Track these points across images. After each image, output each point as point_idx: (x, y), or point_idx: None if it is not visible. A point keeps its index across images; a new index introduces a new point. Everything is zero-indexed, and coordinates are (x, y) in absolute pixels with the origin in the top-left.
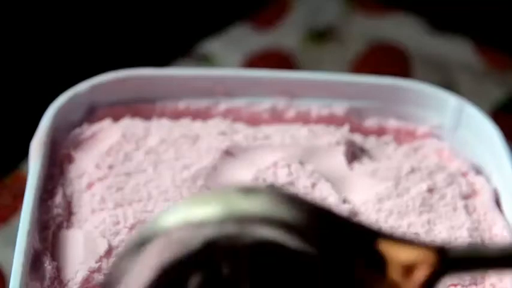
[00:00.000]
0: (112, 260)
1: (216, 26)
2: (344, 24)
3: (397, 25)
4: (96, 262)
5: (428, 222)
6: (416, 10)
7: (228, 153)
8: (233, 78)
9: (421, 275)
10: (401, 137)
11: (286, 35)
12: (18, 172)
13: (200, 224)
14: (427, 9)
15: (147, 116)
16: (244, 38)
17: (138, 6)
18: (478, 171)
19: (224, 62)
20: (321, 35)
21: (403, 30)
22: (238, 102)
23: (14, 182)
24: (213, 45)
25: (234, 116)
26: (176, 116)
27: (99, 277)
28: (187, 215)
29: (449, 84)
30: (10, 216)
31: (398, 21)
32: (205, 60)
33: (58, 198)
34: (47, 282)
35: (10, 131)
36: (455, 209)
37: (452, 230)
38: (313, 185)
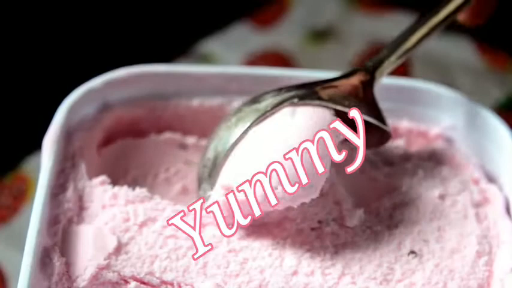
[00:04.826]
0: (121, 257)
1: (216, 25)
2: (344, 23)
3: (396, 24)
4: (105, 259)
5: (438, 229)
6: (416, 9)
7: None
8: (247, 77)
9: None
10: (413, 138)
11: (285, 34)
12: (18, 172)
13: None
14: (426, 9)
15: (160, 113)
16: (244, 37)
17: (138, 6)
18: (490, 177)
19: (224, 62)
20: (320, 35)
21: (403, 29)
22: None
23: (14, 182)
24: (212, 45)
25: None
26: (190, 113)
27: (107, 274)
28: None
29: (449, 84)
30: (10, 216)
31: (398, 20)
32: (205, 60)
33: (69, 193)
34: (55, 278)
35: (13, 130)
36: (465, 217)
37: (462, 237)
38: (327, 188)
